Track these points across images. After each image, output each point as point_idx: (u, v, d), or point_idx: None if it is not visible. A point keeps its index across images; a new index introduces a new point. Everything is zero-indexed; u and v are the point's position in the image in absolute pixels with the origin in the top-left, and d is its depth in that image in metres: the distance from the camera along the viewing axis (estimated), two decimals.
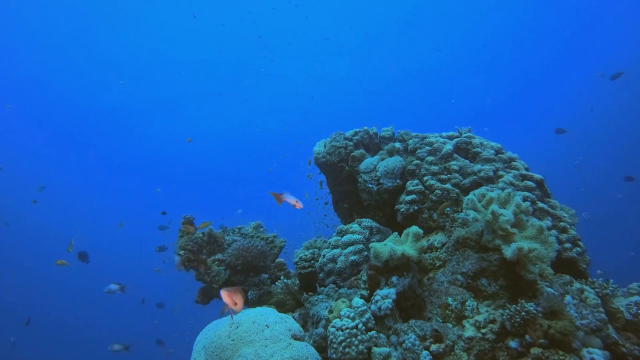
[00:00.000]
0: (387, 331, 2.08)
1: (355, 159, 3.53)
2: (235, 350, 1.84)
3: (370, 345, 1.92)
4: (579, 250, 2.66)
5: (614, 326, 2.00)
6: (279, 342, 1.88)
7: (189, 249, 3.41)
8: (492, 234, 2.13)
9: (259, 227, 3.81)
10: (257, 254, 3.22)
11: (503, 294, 2.02)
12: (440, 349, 1.88)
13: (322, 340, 2.06)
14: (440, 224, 2.90)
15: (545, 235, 2.06)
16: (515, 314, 1.80)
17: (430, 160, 3.20)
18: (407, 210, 3.04)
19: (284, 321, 2.05)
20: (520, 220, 2.13)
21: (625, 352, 1.84)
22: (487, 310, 2.00)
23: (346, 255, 2.78)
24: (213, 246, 3.54)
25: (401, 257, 2.16)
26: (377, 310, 2.11)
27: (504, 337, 1.86)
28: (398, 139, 3.67)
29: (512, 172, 3.04)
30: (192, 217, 3.69)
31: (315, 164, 3.78)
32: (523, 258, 1.95)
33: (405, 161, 3.35)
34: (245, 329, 1.94)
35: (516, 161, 3.17)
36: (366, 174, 3.39)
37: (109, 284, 4.06)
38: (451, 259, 2.34)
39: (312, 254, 3.09)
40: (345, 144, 3.63)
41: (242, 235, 3.69)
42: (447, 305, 2.07)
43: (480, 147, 3.24)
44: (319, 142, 3.81)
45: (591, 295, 2.05)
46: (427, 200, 3.03)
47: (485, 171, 3.00)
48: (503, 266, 2.06)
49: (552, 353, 1.64)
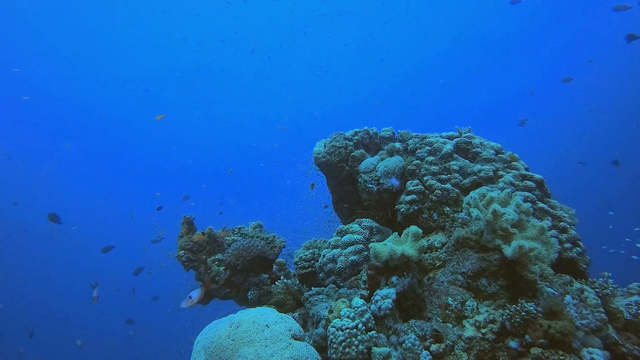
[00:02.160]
0: (387, 331, 2.07)
1: (355, 159, 3.53)
2: (235, 350, 1.84)
3: (370, 345, 1.92)
4: (579, 250, 2.66)
5: (614, 326, 2.00)
6: (279, 342, 1.88)
7: (188, 248, 3.41)
8: (492, 233, 2.13)
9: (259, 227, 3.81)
10: (257, 254, 3.21)
11: (503, 294, 2.02)
12: (440, 349, 1.88)
13: (322, 340, 2.06)
14: (440, 224, 2.90)
15: (546, 236, 2.05)
16: (515, 314, 1.80)
17: (430, 160, 3.20)
18: (407, 210, 3.04)
19: (284, 321, 2.05)
20: (521, 221, 2.13)
21: (625, 352, 1.84)
22: (487, 310, 2.00)
23: (346, 255, 2.78)
24: (213, 246, 3.53)
25: (401, 257, 2.16)
26: (377, 310, 2.10)
27: (504, 337, 1.86)
28: (398, 139, 3.67)
29: (512, 172, 3.04)
30: (192, 217, 3.69)
31: (315, 164, 3.77)
32: (523, 257, 1.95)
33: (405, 161, 3.35)
34: (245, 329, 1.94)
35: (516, 161, 3.17)
36: (366, 174, 3.39)
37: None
38: (451, 259, 2.34)
39: (312, 254, 3.09)
40: (345, 144, 3.63)
41: (242, 235, 3.69)
42: (447, 305, 2.07)
43: (480, 147, 3.24)
44: (319, 142, 3.80)
45: (591, 295, 2.05)
46: (427, 200, 3.03)
47: (485, 171, 3.00)
48: (503, 266, 2.06)
49: (552, 353, 1.64)
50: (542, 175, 3.03)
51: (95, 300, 5.38)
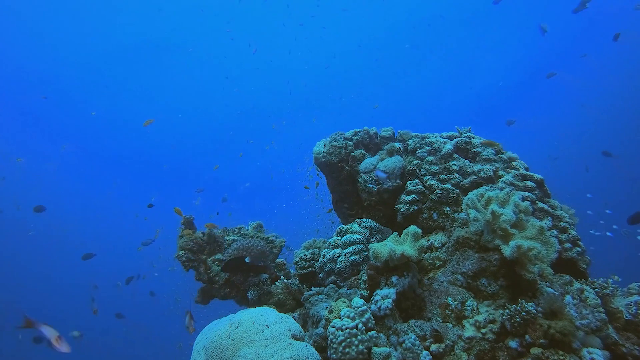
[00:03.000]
0: (387, 331, 2.07)
1: (355, 159, 3.53)
2: (235, 350, 1.84)
3: (370, 345, 1.92)
4: (579, 250, 2.66)
5: (614, 326, 2.00)
6: (279, 342, 1.88)
7: (188, 248, 3.41)
8: (491, 233, 2.13)
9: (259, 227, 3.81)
10: (257, 254, 3.21)
11: (503, 294, 2.02)
12: (440, 349, 1.88)
13: (322, 340, 2.06)
14: (440, 224, 2.90)
15: (546, 236, 2.05)
16: (515, 314, 1.80)
17: (430, 160, 3.20)
18: (407, 210, 3.04)
19: (284, 321, 2.05)
20: (521, 221, 2.13)
21: (625, 352, 1.84)
22: (487, 310, 2.00)
23: (346, 255, 2.78)
24: (213, 246, 3.53)
25: (401, 257, 2.16)
26: (377, 310, 2.10)
27: (504, 337, 1.86)
28: (398, 139, 3.67)
29: (512, 172, 3.04)
30: (192, 217, 3.69)
31: (315, 164, 3.78)
32: (523, 257, 1.95)
33: (405, 161, 3.35)
34: (245, 329, 1.94)
35: (516, 161, 3.17)
36: (366, 174, 3.39)
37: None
38: (451, 259, 2.34)
39: (312, 254, 3.09)
40: (345, 144, 3.63)
41: (242, 235, 3.69)
42: (447, 305, 2.07)
43: (480, 147, 3.23)
44: (319, 142, 3.80)
45: (591, 295, 2.05)
46: (427, 200, 3.03)
47: (485, 171, 3.00)
48: (503, 266, 2.06)
49: (552, 353, 1.64)
50: (540, 175, 3.03)
51: (95, 312, 5.60)
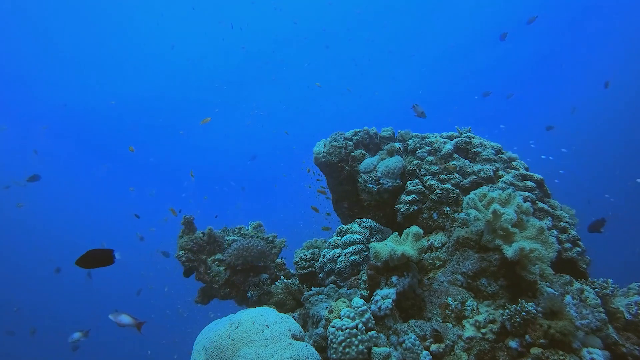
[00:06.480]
0: (387, 331, 2.07)
1: (355, 159, 3.53)
2: (235, 350, 1.84)
3: (370, 345, 1.92)
4: (579, 250, 2.66)
5: (614, 326, 2.00)
6: (279, 342, 1.88)
7: (188, 248, 3.41)
8: (492, 234, 2.13)
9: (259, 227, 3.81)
10: (257, 254, 3.22)
11: (503, 294, 2.02)
12: (440, 349, 1.88)
13: (322, 340, 2.06)
14: (440, 224, 2.90)
15: (545, 236, 2.06)
16: (515, 314, 1.80)
17: (430, 160, 3.20)
18: (407, 210, 3.04)
19: (284, 321, 2.05)
20: (521, 221, 2.13)
21: (625, 352, 1.84)
22: (487, 310, 2.00)
23: (346, 255, 2.78)
24: (213, 246, 3.53)
25: (401, 257, 2.16)
26: (377, 310, 2.10)
27: (504, 337, 1.86)
28: (398, 139, 3.67)
29: (512, 172, 3.04)
30: (192, 217, 3.69)
31: (315, 164, 3.78)
32: (524, 258, 1.95)
33: (405, 161, 3.35)
34: (245, 329, 1.94)
35: (516, 161, 3.17)
36: (366, 174, 3.39)
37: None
38: (451, 259, 2.34)
39: (312, 254, 3.09)
40: (345, 144, 3.63)
41: (242, 235, 3.69)
42: (447, 305, 2.07)
43: (480, 147, 3.23)
44: (319, 142, 3.80)
45: (591, 295, 2.05)
46: (427, 200, 3.03)
47: (485, 171, 3.00)
48: (503, 266, 2.06)
49: (552, 353, 1.64)
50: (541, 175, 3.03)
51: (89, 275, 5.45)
